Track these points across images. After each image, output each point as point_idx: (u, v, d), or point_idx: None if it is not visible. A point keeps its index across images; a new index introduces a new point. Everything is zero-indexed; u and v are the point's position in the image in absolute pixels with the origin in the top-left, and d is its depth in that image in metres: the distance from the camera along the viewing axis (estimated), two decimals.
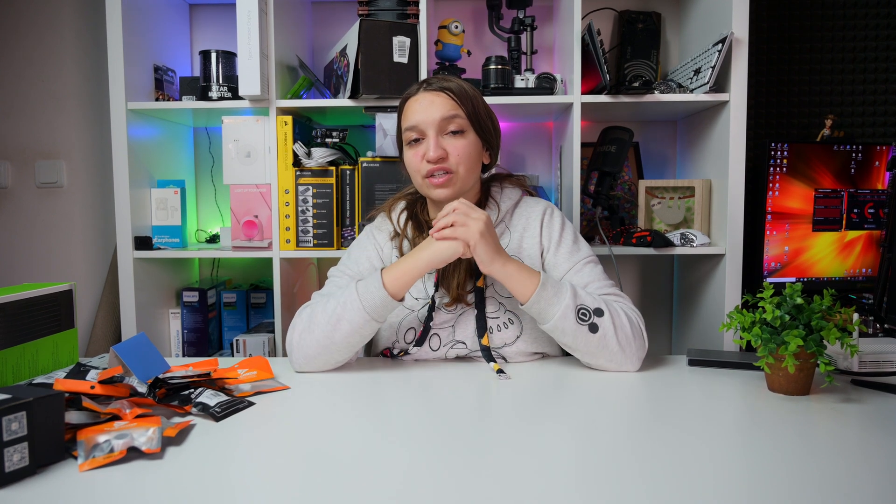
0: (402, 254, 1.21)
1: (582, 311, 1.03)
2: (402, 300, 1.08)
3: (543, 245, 1.19)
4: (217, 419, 0.86)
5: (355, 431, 0.82)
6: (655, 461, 0.72)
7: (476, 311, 1.15)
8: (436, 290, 1.17)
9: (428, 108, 1.13)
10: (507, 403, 0.92)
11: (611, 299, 1.10)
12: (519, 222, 1.22)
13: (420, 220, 1.23)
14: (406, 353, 1.17)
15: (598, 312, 1.04)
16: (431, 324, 1.16)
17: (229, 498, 0.64)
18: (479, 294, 1.15)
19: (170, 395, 0.92)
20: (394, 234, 1.24)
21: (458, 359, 1.17)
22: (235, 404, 0.91)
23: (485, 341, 1.13)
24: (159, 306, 1.86)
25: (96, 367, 0.98)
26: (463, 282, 1.15)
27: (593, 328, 1.03)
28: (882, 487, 0.65)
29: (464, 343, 1.15)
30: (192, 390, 0.93)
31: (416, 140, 1.14)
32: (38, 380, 0.93)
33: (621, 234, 1.77)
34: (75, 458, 0.73)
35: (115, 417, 0.81)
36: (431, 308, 1.16)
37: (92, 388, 0.83)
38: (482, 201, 1.22)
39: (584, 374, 1.07)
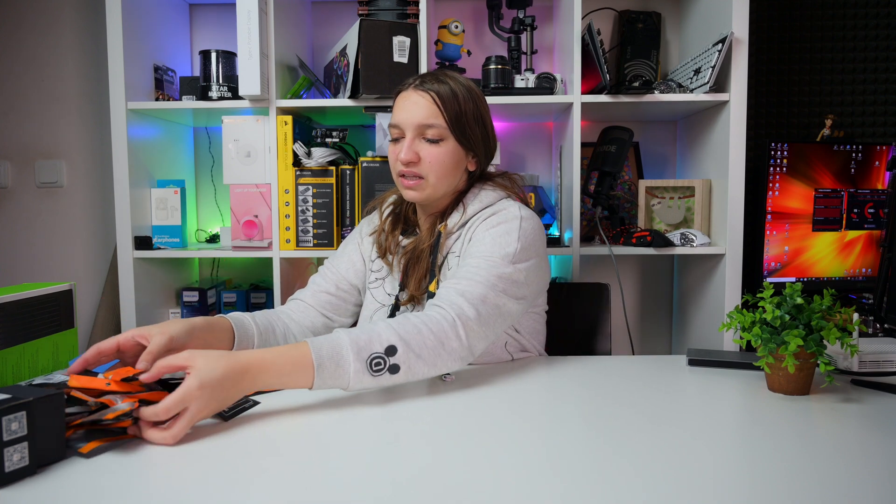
0: (380, 248, 1.22)
1: (375, 361, 0.91)
2: None
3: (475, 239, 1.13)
4: (226, 419, 0.86)
5: (359, 429, 0.82)
6: (655, 461, 0.72)
7: None
8: (401, 290, 1.18)
9: (410, 108, 1.12)
10: (506, 404, 0.92)
11: (417, 313, 1.01)
12: (477, 224, 1.16)
13: (401, 217, 1.24)
14: None
15: (391, 351, 0.92)
16: None
17: (232, 498, 0.64)
18: (429, 298, 1.12)
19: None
20: (376, 228, 1.25)
21: None
22: (242, 403, 0.91)
23: None
24: (159, 306, 1.86)
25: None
26: (420, 280, 1.15)
27: (394, 369, 0.92)
28: (882, 487, 0.65)
29: None
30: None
31: (397, 138, 1.15)
32: (38, 380, 0.93)
33: (621, 234, 1.77)
34: (82, 454, 0.73)
35: (104, 407, 0.80)
36: (396, 308, 1.17)
37: (107, 384, 0.83)
38: (455, 203, 1.18)
39: (580, 374, 1.07)
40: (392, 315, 1.17)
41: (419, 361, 0.94)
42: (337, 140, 1.75)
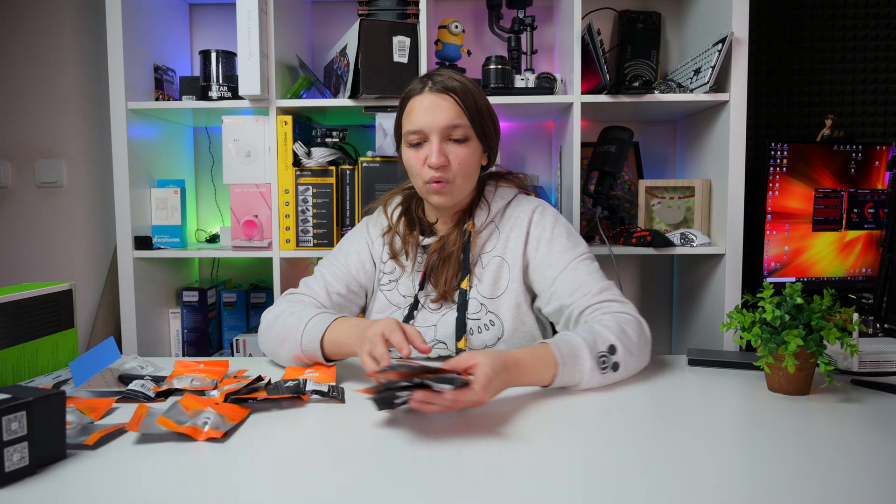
0: (392, 250, 1.20)
1: (602, 359, 0.97)
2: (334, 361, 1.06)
3: (531, 244, 1.16)
4: (343, 401, 0.93)
5: (359, 426, 0.82)
6: (655, 461, 0.72)
7: (457, 314, 1.13)
8: (420, 290, 1.17)
9: (433, 111, 1.09)
10: (505, 403, 0.92)
11: (602, 315, 1.06)
12: (507, 223, 1.18)
13: (413, 217, 1.22)
14: None
15: (613, 350, 0.99)
16: (413, 322, 1.16)
17: (232, 497, 0.64)
18: (461, 296, 1.14)
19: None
20: (387, 230, 1.23)
21: (441, 358, 1.16)
22: (406, 400, 0.88)
23: (461, 345, 1.11)
24: (159, 306, 1.86)
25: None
26: (450, 279, 1.15)
27: (616, 367, 0.99)
28: (882, 487, 0.65)
29: (444, 343, 1.14)
30: (298, 381, 0.95)
31: (419, 143, 1.11)
32: (38, 381, 0.93)
33: (621, 234, 1.77)
34: (87, 445, 0.75)
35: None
36: (414, 307, 1.16)
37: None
38: (475, 201, 1.20)
39: None
40: (410, 315, 1.16)
41: (631, 358, 1.01)
42: (337, 140, 1.75)
